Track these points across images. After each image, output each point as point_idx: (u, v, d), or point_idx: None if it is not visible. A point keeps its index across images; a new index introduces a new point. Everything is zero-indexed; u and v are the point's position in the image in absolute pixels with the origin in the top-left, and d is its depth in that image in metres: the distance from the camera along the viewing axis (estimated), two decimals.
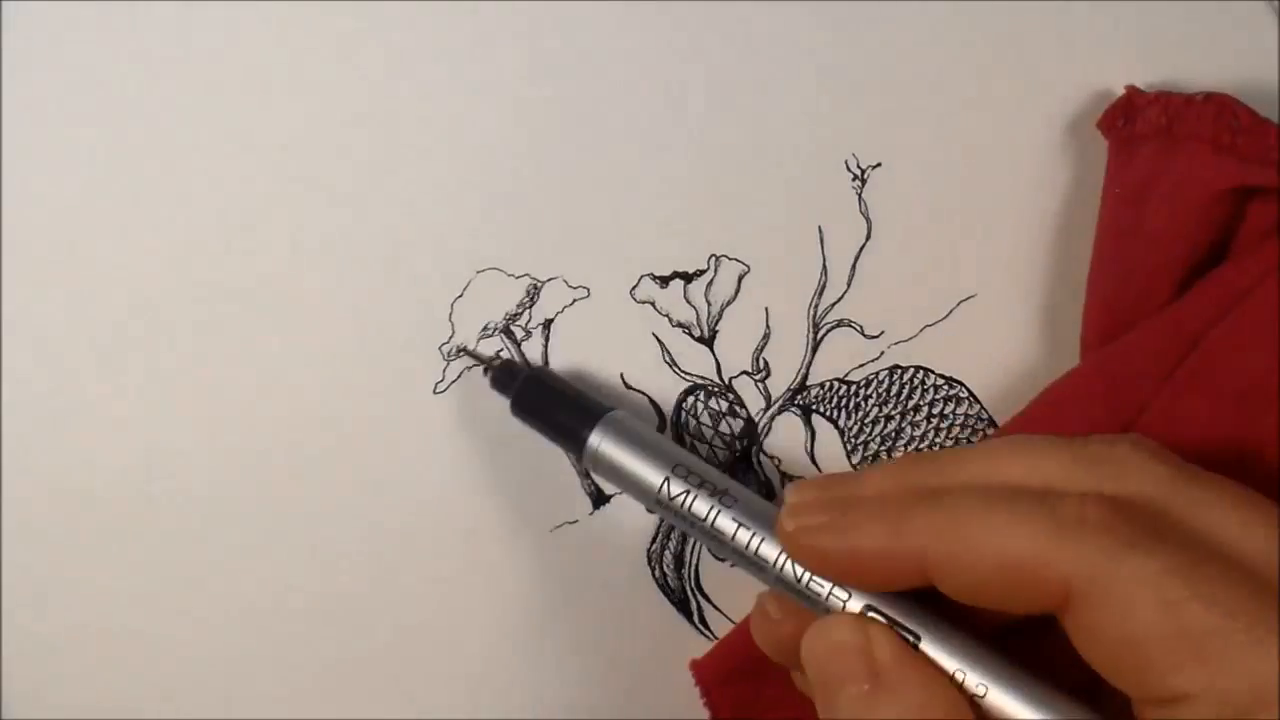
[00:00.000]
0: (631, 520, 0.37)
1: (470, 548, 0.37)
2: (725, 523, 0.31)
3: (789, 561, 0.30)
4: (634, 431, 0.34)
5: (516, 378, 0.35)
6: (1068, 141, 0.37)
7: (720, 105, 0.36)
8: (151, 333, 0.36)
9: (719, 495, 0.32)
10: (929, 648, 0.28)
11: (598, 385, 0.37)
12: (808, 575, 0.30)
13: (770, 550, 0.30)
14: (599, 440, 0.33)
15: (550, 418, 0.35)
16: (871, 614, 0.29)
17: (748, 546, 0.31)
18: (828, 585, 0.29)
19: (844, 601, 0.29)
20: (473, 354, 0.36)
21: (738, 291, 0.37)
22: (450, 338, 0.36)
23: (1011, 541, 0.26)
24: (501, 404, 0.36)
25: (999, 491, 0.27)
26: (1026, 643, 0.29)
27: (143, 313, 0.35)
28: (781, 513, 0.30)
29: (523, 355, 0.37)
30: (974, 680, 0.27)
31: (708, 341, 0.37)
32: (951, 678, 0.28)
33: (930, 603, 0.28)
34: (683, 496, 0.32)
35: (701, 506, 0.32)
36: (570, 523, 0.37)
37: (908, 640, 0.28)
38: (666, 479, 0.32)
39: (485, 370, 0.36)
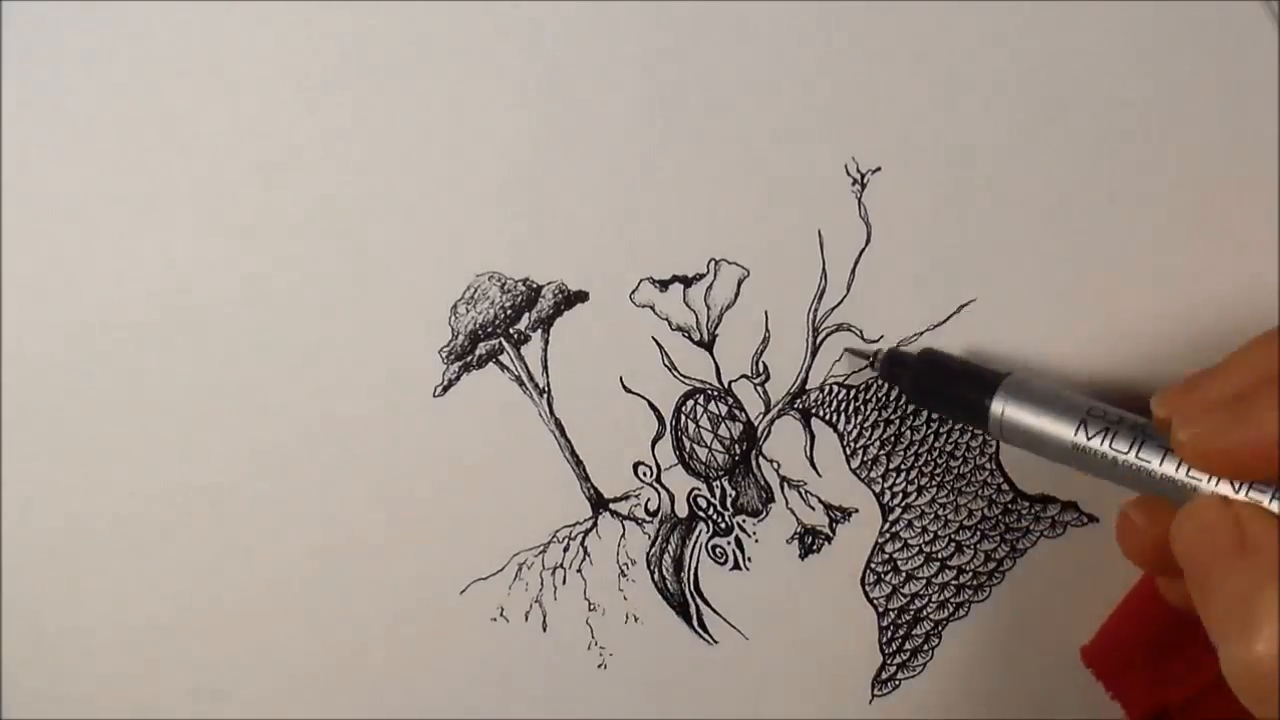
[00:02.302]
0: (631, 524, 0.37)
1: (470, 551, 0.37)
2: (1150, 452, 0.31)
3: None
4: (1034, 390, 0.34)
5: (907, 366, 0.36)
6: (1066, 144, 0.37)
7: (719, 108, 0.36)
8: (149, 335, 0.36)
9: (1139, 429, 0.32)
10: None
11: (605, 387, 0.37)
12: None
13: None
14: (1001, 407, 0.34)
15: (950, 398, 0.35)
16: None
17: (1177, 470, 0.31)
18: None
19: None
20: (857, 351, 0.37)
21: (737, 295, 0.37)
22: (450, 340, 0.36)
23: None
24: (498, 404, 0.36)
25: None
26: None
27: (141, 315, 0.35)
28: (1173, 426, 0.30)
29: (524, 361, 0.37)
30: None
31: (707, 345, 0.37)
32: None
33: None
34: (1100, 438, 0.32)
35: (1122, 443, 0.32)
36: (570, 525, 0.37)
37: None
38: (1083, 423, 0.32)
39: (871, 364, 0.37)
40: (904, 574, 0.38)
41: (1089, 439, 0.32)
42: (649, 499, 0.37)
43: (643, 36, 0.36)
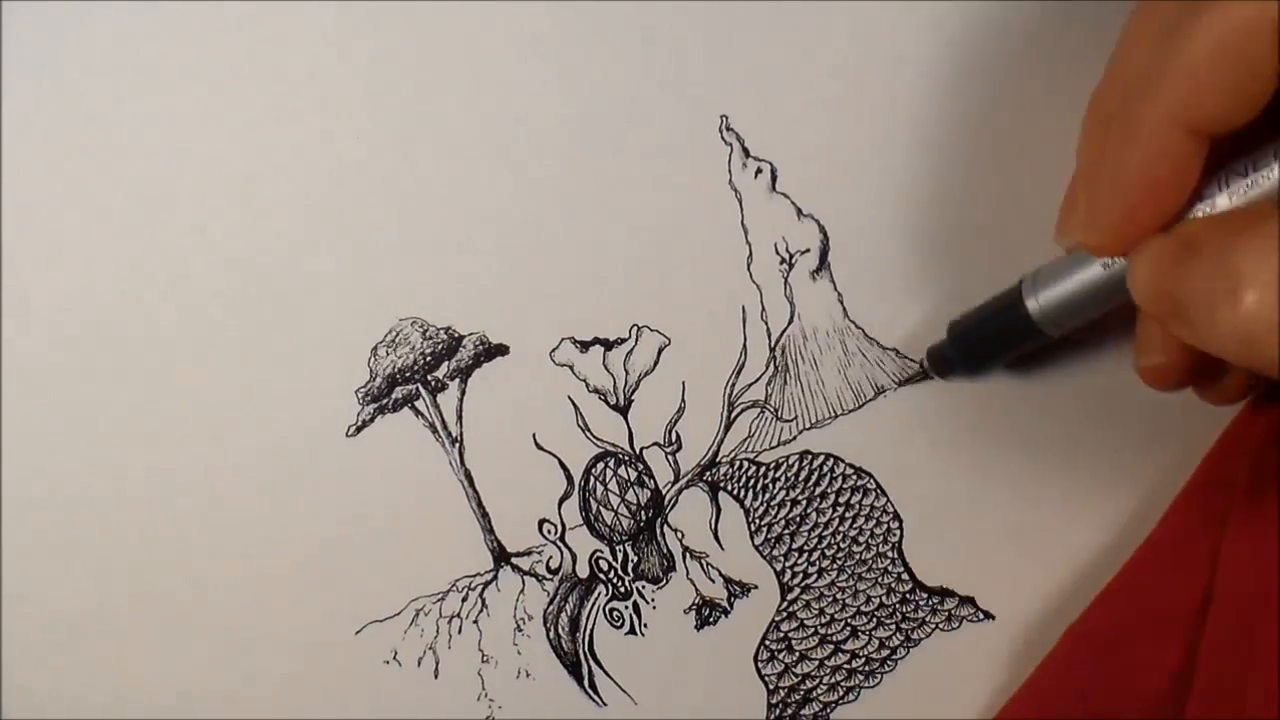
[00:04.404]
0: (532, 580, 0.37)
1: (369, 592, 0.37)
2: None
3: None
4: (1048, 269, 0.33)
5: (945, 348, 0.36)
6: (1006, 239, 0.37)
7: (656, 177, 0.37)
8: (76, 355, 0.36)
9: None
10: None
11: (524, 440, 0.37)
12: None
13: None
14: (1035, 304, 0.33)
15: (998, 339, 0.35)
16: None
17: None
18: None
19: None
20: (908, 379, 0.37)
21: (656, 363, 0.37)
22: (367, 382, 0.36)
23: (1206, 32, 0.27)
24: (409, 449, 0.36)
25: (1169, 25, 0.28)
26: None
27: (67, 338, 0.36)
28: (1064, 244, 0.31)
29: (439, 409, 0.37)
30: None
31: (622, 410, 0.37)
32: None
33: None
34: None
35: None
36: (470, 576, 0.37)
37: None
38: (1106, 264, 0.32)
39: (926, 374, 0.37)
40: (798, 654, 0.38)
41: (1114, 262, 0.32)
42: (551, 557, 0.37)
43: (585, 98, 0.36)
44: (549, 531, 0.37)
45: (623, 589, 0.38)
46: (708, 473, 0.37)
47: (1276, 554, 0.33)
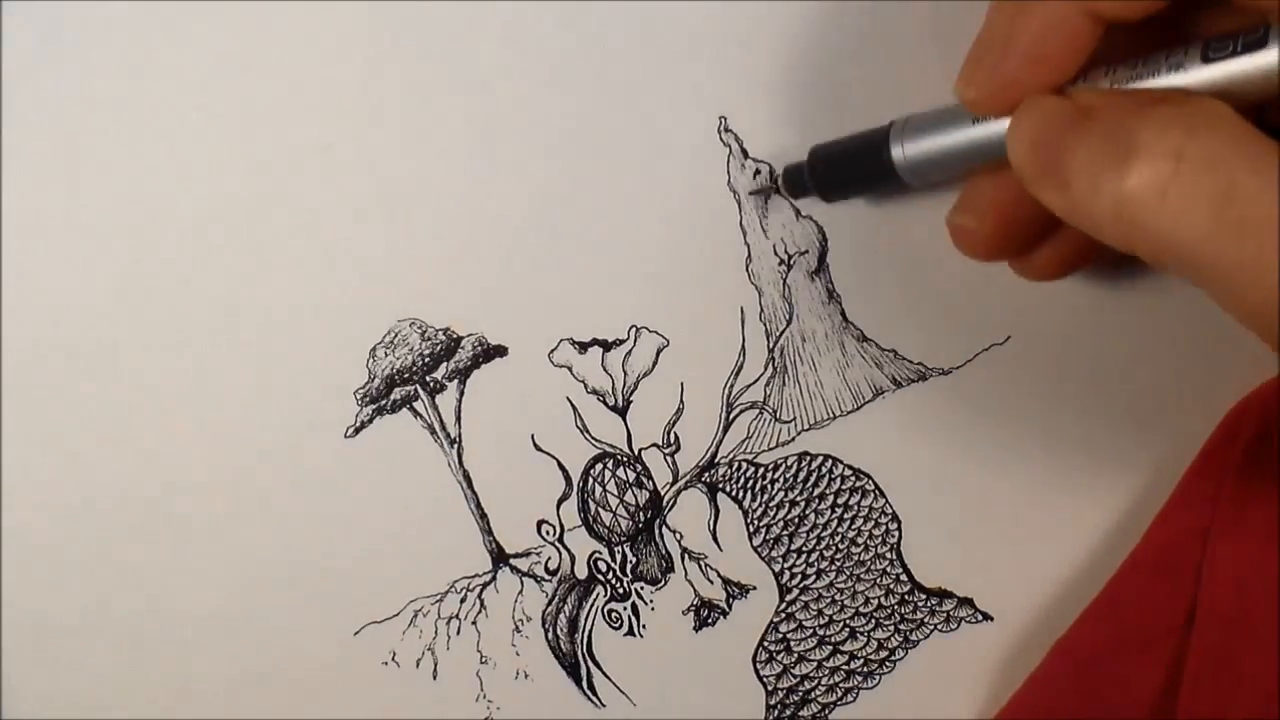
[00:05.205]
0: (530, 581, 0.37)
1: (368, 593, 0.37)
2: None
3: None
4: (919, 118, 0.33)
5: (802, 170, 0.35)
6: None
7: (655, 178, 0.37)
8: (75, 358, 0.36)
9: None
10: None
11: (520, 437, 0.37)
12: None
13: None
14: (901, 149, 0.33)
15: (856, 172, 0.35)
16: None
17: None
18: None
19: None
20: (761, 189, 0.36)
21: (655, 364, 0.37)
22: (366, 383, 0.36)
23: None
24: (407, 450, 0.36)
25: None
26: None
27: (67, 339, 0.36)
28: (960, 97, 0.30)
29: (437, 411, 0.37)
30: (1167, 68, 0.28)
31: (621, 411, 0.37)
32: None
33: None
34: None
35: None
36: (469, 577, 0.37)
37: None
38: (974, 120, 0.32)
39: (776, 188, 0.36)
40: (796, 655, 0.38)
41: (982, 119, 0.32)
42: (549, 558, 0.37)
43: (583, 98, 0.36)
44: (547, 532, 0.37)
45: (621, 590, 0.38)
46: (706, 474, 0.37)
47: (1259, 570, 0.33)
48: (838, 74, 0.36)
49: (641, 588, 0.38)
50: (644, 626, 0.38)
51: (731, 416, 0.37)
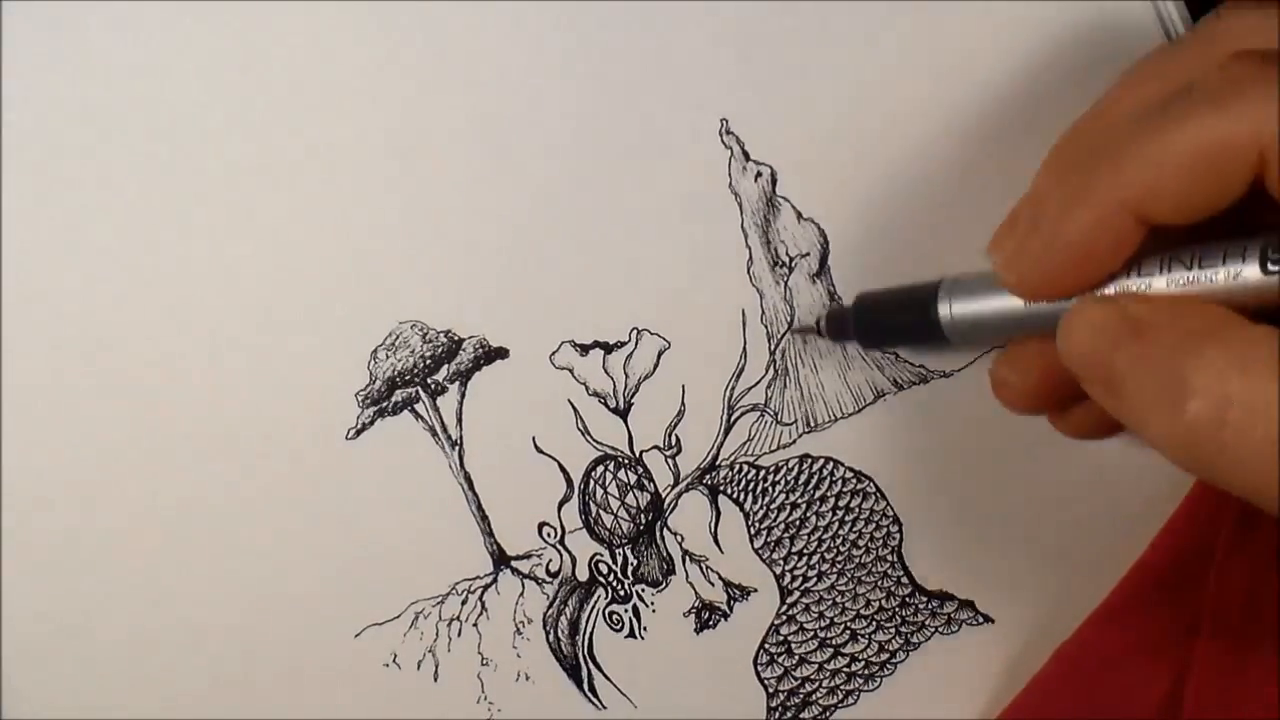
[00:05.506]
0: (531, 584, 0.37)
1: (368, 595, 0.37)
2: None
3: None
4: (970, 280, 0.33)
5: (848, 317, 0.36)
6: None
7: (656, 180, 0.37)
8: (75, 362, 0.36)
9: None
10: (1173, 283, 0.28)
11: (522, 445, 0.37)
12: None
13: None
14: (949, 308, 0.33)
15: (900, 326, 0.35)
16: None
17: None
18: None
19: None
20: (803, 328, 0.37)
21: (656, 366, 0.37)
22: (367, 385, 0.36)
23: (1186, 135, 0.26)
24: (409, 452, 0.36)
25: (1153, 111, 0.27)
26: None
27: (66, 341, 0.36)
28: (993, 261, 0.30)
29: (439, 412, 0.37)
30: (1224, 273, 0.28)
31: (622, 413, 0.37)
32: (1207, 298, 0.28)
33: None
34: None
35: None
36: (470, 579, 0.37)
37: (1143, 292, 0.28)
38: None
39: (819, 331, 0.37)
40: (797, 657, 0.38)
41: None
42: (551, 560, 0.37)
43: (584, 100, 0.36)
44: (549, 535, 0.37)
45: (622, 592, 0.38)
46: (707, 476, 0.37)
47: (1267, 583, 0.33)
48: (838, 74, 0.36)
49: (642, 590, 0.38)
50: (645, 628, 0.38)
51: (733, 419, 0.37)
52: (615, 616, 0.38)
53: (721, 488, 0.37)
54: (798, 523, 0.38)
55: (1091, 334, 0.28)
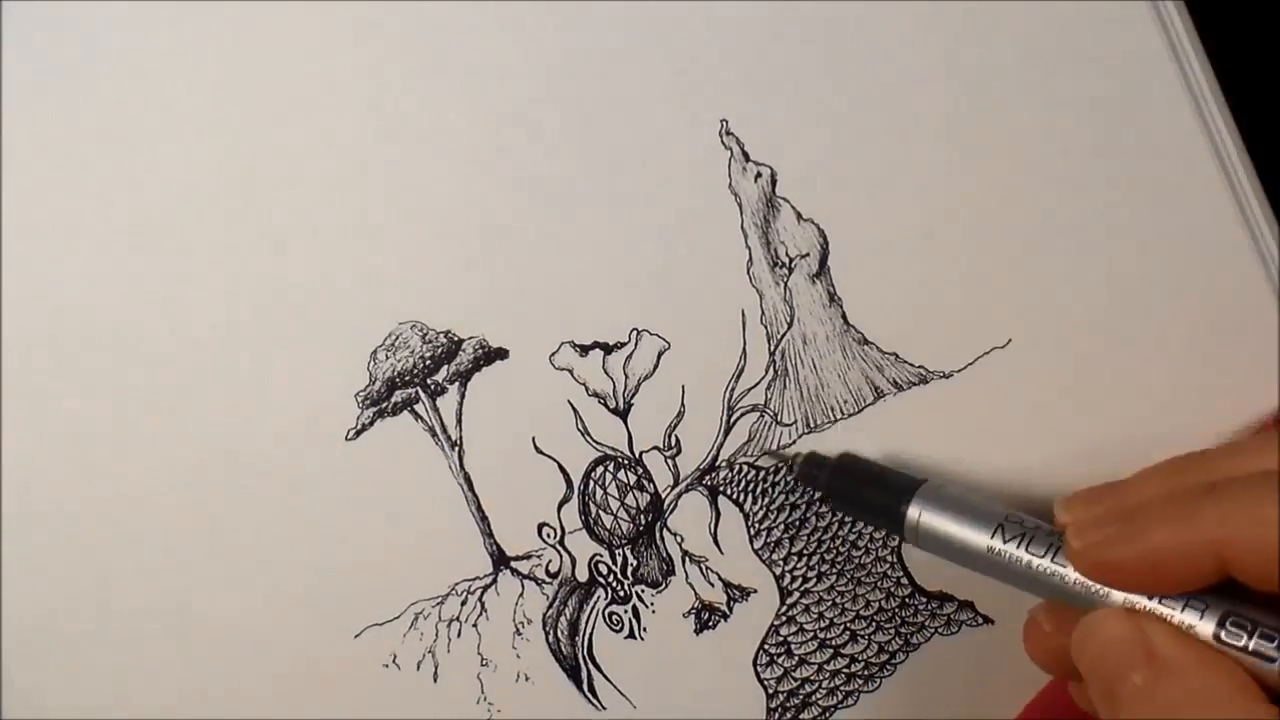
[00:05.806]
0: (531, 584, 0.37)
1: (368, 596, 0.37)
2: (1065, 559, 0.31)
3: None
4: (951, 496, 0.34)
5: (824, 470, 0.36)
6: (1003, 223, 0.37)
7: (656, 180, 0.37)
8: (76, 359, 0.36)
9: (1054, 535, 0.32)
10: (1221, 630, 0.28)
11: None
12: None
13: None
14: (918, 513, 0.34)
15: (866, 502, 0.35)
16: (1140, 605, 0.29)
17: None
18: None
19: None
20: (775, 454, 0.37)
21: (656, 367, 0.37)
22: (367, 385, 0.36)
23: None
24: (408, 453, 0.36)
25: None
26: None
27: (67, 339, 0.36)
28: (1067, 534, 0.30)
29: (438, 413, 0.37)
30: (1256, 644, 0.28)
31: (622, 414, 0.37)
32: (1235, 657, 0.28)
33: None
34: (1016, 542, 0.32)
35: (1039, 548, 0.32)
36: (470, 579, 0.37)
37: (1181, 627, 0.28)
38: (999, 527, 0.32)
39: (790, 468, 0.37)
40: (797, 658, 0.38)
41: (1005, 543, 0.32)
42: (550, 560, 0.37)
43: (584, 100, 0.36)
44: (548, 535, 0.37)
45: (622, 593, 0.38)
46: (707, 477, 0.37)
47: None
48: (838, 75, 0.36)
49: (642, 590, 0.38)
50: (644, 629, 0.38)
51: (733, 419, 0.37)
52: (615, 617, 0.38)
53: (721, 488, 0.37)
54: (797, 524, 0.38)
55: (1103, 645, 0.29)
